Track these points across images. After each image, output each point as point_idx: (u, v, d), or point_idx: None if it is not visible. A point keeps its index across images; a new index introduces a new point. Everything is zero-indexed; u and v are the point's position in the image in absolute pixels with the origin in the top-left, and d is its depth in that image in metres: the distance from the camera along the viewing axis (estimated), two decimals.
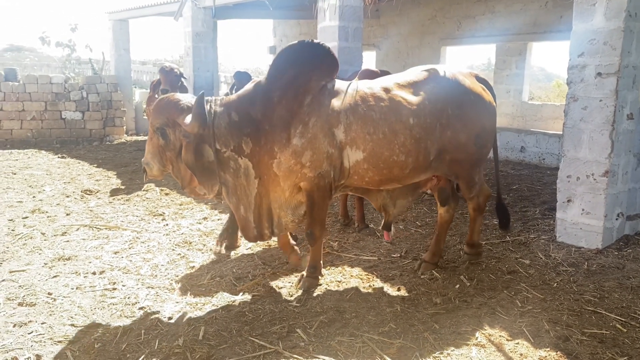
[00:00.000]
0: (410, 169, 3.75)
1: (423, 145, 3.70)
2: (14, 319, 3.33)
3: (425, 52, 11.90)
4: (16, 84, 11.19)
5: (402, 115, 3.65)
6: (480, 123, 3.82)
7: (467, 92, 3.80)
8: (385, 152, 3.63)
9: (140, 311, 3.47)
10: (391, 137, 3.62)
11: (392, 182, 3.86)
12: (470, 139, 3.78)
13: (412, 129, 3.66)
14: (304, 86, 3.62)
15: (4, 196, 6.58)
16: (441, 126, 3.72)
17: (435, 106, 3.70)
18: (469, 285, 3.96)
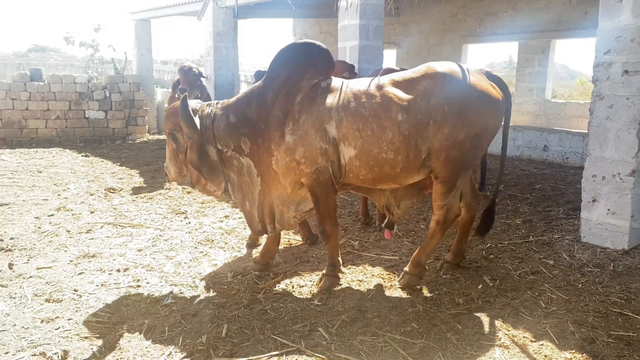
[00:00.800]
0: (401, 168, 3.63)
1: (413, 143, 3.56)
2: (42, 315, 3.40)
3: (447, 50, 11.81)
4: (41, 84, 11.39)
5: (391, 112, 3.56)
6: (482, 122, 3.58)
7: (469, 90, 3.55)
8: (374, 149, 3.60)
9: (164, 308, 3.51)
10: (379, 134, 3.57)
11: (386, 181, 3.76)
12: (468, 138, 3.54)
13: (400, 126, 3.54)
14: (296, 85, 3.74)
15: (30, 194, 6.71)
16: (435, 123, 3.52)
17: (428, 103, 3.53)
18: (492, 285, 3.93)
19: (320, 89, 3.74)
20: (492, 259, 4.49)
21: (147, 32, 13.54)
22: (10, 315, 3.39)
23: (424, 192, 4.11)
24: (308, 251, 4.68)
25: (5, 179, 7.58)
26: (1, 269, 4.16)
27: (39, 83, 11.39)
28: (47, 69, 24.56)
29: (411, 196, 4.10)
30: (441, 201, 3.74)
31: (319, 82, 3.76)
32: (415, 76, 3.67)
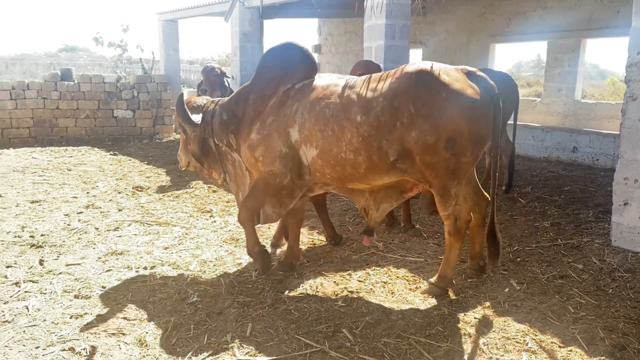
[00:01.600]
0: (365, 169, 3.54)
1: (375, 145, 3.43)
2: (71, 311, 3.46)
3: (473, 49, 11.68)
4: (71, 84, 11.61)
5: (350, 113, 3.49)
6: (453, 125, 3.26)
7: (437, 90, 3.29)
8: (334, 148, 3.58)
9: (189, 307, 3.54)
10: (339, 134, 3.53)
11: (354, 181, 3.73)
12: (439, 142, 3.28)
13: (359, 127, 3.45)
14: (274, 88, 3.89)
15: (60, 191, 6.85)
16: (403, 125, 3.34)
17: (393, 104, 3.36)
18: (519, 289, 3.87)
19: (292, 92, 3.82)
20: (519, 262, 4.42)
21: (174, 32, 13.72)
22: (41, 311, 3.46)
23: (403, 196, 3.98)
24: (332, 251, 4.68)
25: (36, 177, 7.75)
26: (32, 264, 4.26)
27: (69, 83, 11.62)
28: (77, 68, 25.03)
29: (390, 199, 3.96)
30: (443, 211, 3.56)
31: (292, 85, 3.85)
32: (384, 76, 3.55)
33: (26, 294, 3.72)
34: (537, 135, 9.88)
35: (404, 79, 3.40)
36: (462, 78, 3.37)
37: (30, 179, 7.55)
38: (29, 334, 3.17)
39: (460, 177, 3.45)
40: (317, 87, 3.76)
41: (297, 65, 3.89)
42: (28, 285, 3.85)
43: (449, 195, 3.47)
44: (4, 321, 3.32)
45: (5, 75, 19.59)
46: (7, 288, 3.81)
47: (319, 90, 3.72)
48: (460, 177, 3.45)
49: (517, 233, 5.18)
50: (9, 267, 4.21)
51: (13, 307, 3.50)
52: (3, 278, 3.98)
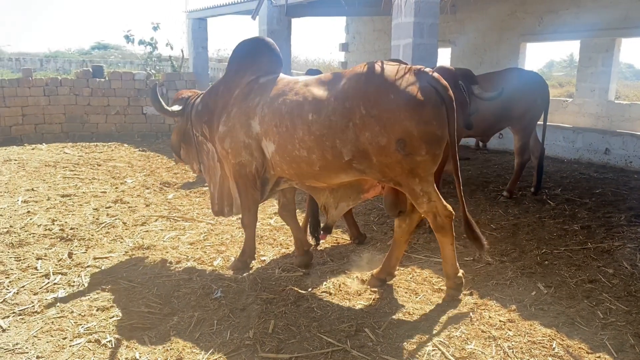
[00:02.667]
0: (319, 167, 3.54)
1: (329, 144, 3.42)
2: (97, 304, 3.53)
3: (504, 48, 11.49)
4: (102, 81, 11.82)
5: (303, 111, 3.51)
6: (402, 126, 3.21)
7: (385, 91, 3.24)
8: (288, 145, 3.61)
9: (213, 302, 3.57)
10: (292, 131, 3.56)
11: (310, 179, 3.74)
12: (390, 144, 3.24)
13: (310, 125, 3.47)
14: (239, 80, 4.02)
15: (89, 186, 6.98)
16: (355, 126, 3.31)
17: (344, 105, 3.34)
18: (546, 292, 3.79)
19: (256, 85, 3.91)
20: (547, 265, 4.33)
21: (203, 30, 13.83)
22: (69, 303, 3.53)
23: (360, 196, 3.97)
24: (355, 250, 4.66)
25: (67, 172, 7.92)
26: (62, 257, 4.35)
27: (100, 80, 11.83)
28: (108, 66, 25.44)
29: (348, 198, 3.96)
30: (419, 209, 3.53)
31: (257, 78, 3.94)
32: (338, 76, 3.54)
33: (55, 285, 3.80)
34: (568, 136, 9.67)
35: (355, 79, 3.38)
36: (411, 79, 3.29)
37: (62, 174, 7.71)
38: (57, 325, 3.24)
39: (422, 175, 3.38)
40: (279, 83, 3.81)
41: (262, 59, 3.98)
42: (57, 278, 3.93)
43: (416, 193, 3.43)
44: (34, 312, 3.39)
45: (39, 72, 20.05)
46: (37, 280, 3.90)
47: (280, 86, 3.77)
48: (421, 175, 3.37)
49: (546, 236, 5.08)
50: (39, 259, 4.30)
51: (42, 299, 3.58)
52: (33, 270, 4.08)
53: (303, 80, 3.75)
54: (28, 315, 3.36)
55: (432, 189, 3.45)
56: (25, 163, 8.49)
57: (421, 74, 3.32)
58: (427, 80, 3.29)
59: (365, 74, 3.36)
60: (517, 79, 6.30)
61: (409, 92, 3.23)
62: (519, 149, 6.50)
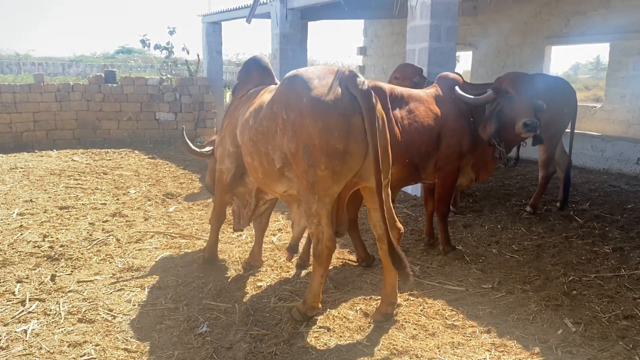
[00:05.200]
0: (262, 174, 3.54)
1: (263, 150, 3.39)
2: (70, 338, 3.19)
3: (527, 51, 10.96)
4: (114, 86, 11.63)
5: (250, 118, 3.57)
6: (306, 133, 3.00)
7: (300, 96, 3.06)
8: (243, 152, 3.72)
9: (197, 338, 3.21)
10: (243, 139, 3.65)
11: (264, 186, 3.76)
12: (299, 150, 3.06)
13: (250, 130, 3.52)
14: (236, 96, 4.17)
15: (90, 197, 6.71)
16: (280, 132, 3.20)
17: (272, 109, 3.28)
18: (575, 331, 3.34)
19: (245, 97, 3.99)
20: (575, 296, 3.87)
21: (217, 34, 13.56)
22: (39, 336, 3.21)
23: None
24: (362, 274, 4.26)
25: (71, 181, 7.67)
26: (44, 280, 4.04)
27: (113, 85, 11.63)
28: (129, 70, 25.49)
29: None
30: (308, 228, 3.27)
31: (247, 90, 4.05)
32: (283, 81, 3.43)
33: (29, 315, 3.48)
34: (596, 145, 9.11)
35: (282, 83, 3.32)
36: (329, 82, 3.04)
37: (65, 183, 7.46)
38: None
39: (319, 192, 3.08)
40: (261, 94, 3.77)
41: (253, 73, 4.14)
42: (33, 305, 3.61)
43: (310, 212, 3.16)
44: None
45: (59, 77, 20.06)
46: (11, 307, 3.59)
47: (258, 96, 3.75)
48: (319, 192, 3.09)
49: (573, 259, 4.61)
50: (20, 281, 4.00)
51: (12, 331, 3.26)
52: (10, 295, 3.77)
53: (271, 88, 3.77)
54: None
55: (325, 213, 3.15)
56: (30, 171, 8.27)
57: (342, 78, 3.07)
58: (344, 85, 3.04)
59: (289, 78, 3.25)
60: (542, 86, 5.81)
61: (317, 97, 3.02)
62: (543, 162, 6.02)
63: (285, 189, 3.48)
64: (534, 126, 4.11)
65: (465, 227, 5.54)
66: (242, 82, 4.20)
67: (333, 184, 3.07)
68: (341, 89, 3.02)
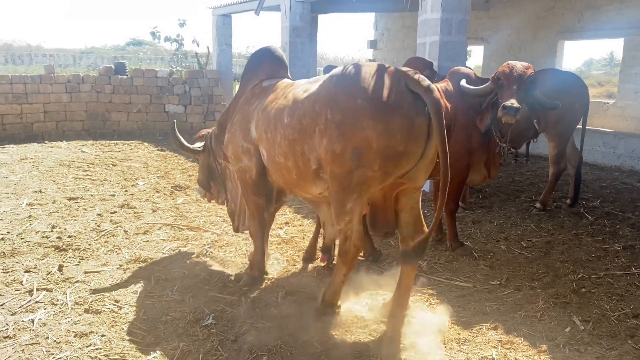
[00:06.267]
0: (296, 175, 3.29)
1: (299, 150, 3.16)
2: (77, 328, 3.20)
3: (540, 46, 10.84)
4: (124, 78, 11.65)
5: (282, 115, 3.29)
6: (361, 135, 2.80)
7: (354, 95, 2.85)
8: (272, 150, 3.42)
9: (202, 330, 3.21)
10: (274, 136, 3.36)
11: (295, 188, 3.50)
12: (345, 152, 2.85)
13: (285, 129, 3.24)
14: (244, 88, 3.93)
15: (99, 188, 6.73)
16: (320, 132, 2.97)
17: (314, 108, 3.03)
18: (583, 329, 3.30)
19: (259, 90, 3.77)
20: (584, 293, 3.83)
21: (227, 27, 13.54)
22: (46, 326, 3.22)
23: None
24: (369, 269, 4.21)
25: (80, 172, 7.70)
26: (52, 270, 4.06)
27: (122, 77, 11.66)
28: (139, 61, 25.54)
29: None
30: (336, 224, 3.10)
31: (260, 82, 3.82)
32: (320, 77, 3.26)
33: (36, 304, 3.49)
34: (608, 141, 9.00)
35: (328, 81, 3.07)
36: (387, 82, 2.82)
37: (74, 174, 7.50)
38: (27, 353, 2.93)
39: (361, 191, 2.94)
40: (277, 87, 3.61)
41: (264, 64, 3.90)
42: (41, 295, 3.63)
43: (343, 209, 3.00)
44: (5, 336, 3.09)
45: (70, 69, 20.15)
46: (19, 297, 3.61)
47: (277, 90, 3.57)
48: (360, 191, 2.94)
49: (582, 257, 4.56)
50: (28, 271, 4.02)
51: (19, 320, 3.28)
52: (18, 285, 3.79)
53: (297, 83, 3.53)
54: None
55: (359, 211, 3.01)
56: (40, 162, 8.32)
57: (400, 75, 2.86)
58: (403, 84, 2.83)
59: (340, 75, 3.01)
60: (554, 82, 5.74)
61: (376, 97, 2.80)
62: (554, 158, 5.95)
63: (320, 191, 3.28)
64: (511, 110, 3.92)
65: (474, 223, 5.49)
66: (252, 72, 3.94)
67: (379, 184, 2.93)
68: (401, 87, 2.81)
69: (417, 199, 3.15)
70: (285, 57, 4.05)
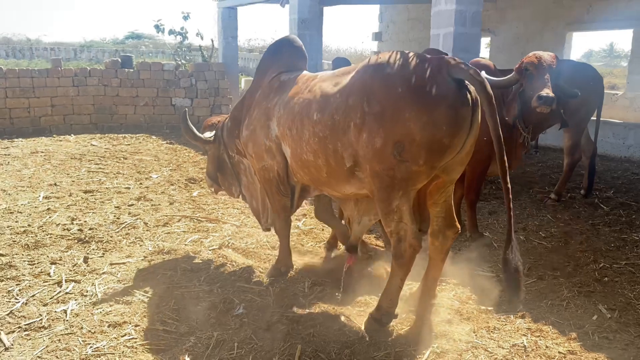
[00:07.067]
0: (326, 173, 3.14)
1: (331, 147, 3.00)
2: (110, 318, 3.23)
3: (548, 38, 10.84)
4: (131, 71, 11.63)
5: (310, 110, 3.13)
6: (404, 128, 2.66)
7: (394, 85, 2.71)
8: (298, 148, 3.28)
9: (234, 319, 3.24)
10: (301, 133, 3.20)
11: (324, 186, 3.36)
12: (387, 146, 2.72)
13: (315, 126, 3.08)
14: (260, 81, 3.80)
15: (114, 181, 6.75)
16: (356, 127, 2.83)
17: (347, 102, 2.88)
18: (610, 317, 3.34)
19: (277, 83, 3.63)
20: (607, 282, 3.87)
21: (233, 20, 13.49)
22: (79, 316, 3.25)
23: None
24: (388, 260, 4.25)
25: (92, 165, 7.72)
26: (77, 262, 4.09)
27: (129, 70, 11.64)
28: (140, 55, 25.46)
29: (369, 212, 3.43)
30: (386, 227, 2.95)
31: (278, 75, 3.67)
32: (351, 69, 3.09)
33: (66, 295, 3.53)
34: (618, 132, 9.02)
35: (363, 71, 2.91)
36: (431, 71, 2.69)
37: (87, 167, 7.52)
38: (64, 343, 2.96)
39: (407, 187, 2.81)
40: (299, 81, 3.47)
41: (283, 55, 3.75)
42: (70, 286, 3.66)
43: (390, 208, 2.85)
44: (41, 327, 3.12)
45: (72, 62, 20.12)
46: (48, 288, 3.64)
47: (299, 84, 3.42)
48: (405, 187, 2.80)
49: (602, 246, 4.59)
50: (54, 263, 4.05)
51: (52, 311, 3.31)
52: (46, 276, 3.82)
53: (321, 76, 3.37)
54: (34, 330, 3.08)
55: (407, 208, 2.86)
56: (51, 155, 8.33)
57: (442, 64, 2.72)
58: (446, 72, 2.69)
59: (377, 64, 2.85)
60: (570, 73, 5.75)
61: (419, 86, 2.67)
62: (569, 148, 5.97)
63: (354, 190, 3.15)
64: (547, 99, 3.91)
65: (491, 214, 5.53)
66: (270, 64, 3.78)
67: (425, 180, 2.82)
68: (444, 75, 2.68)
69: (450, 193, 3.13)
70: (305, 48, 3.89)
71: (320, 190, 3.58)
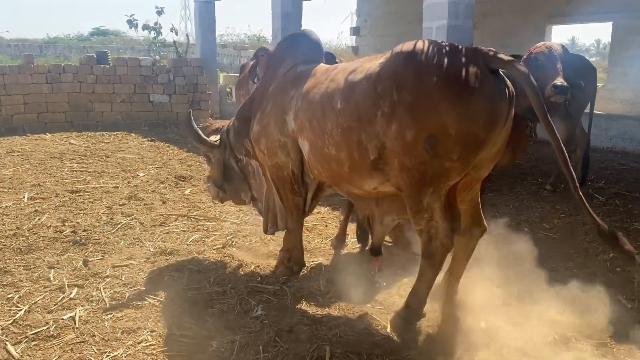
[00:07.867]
0: (348, 167, 2.98)
1: (355, 139, 2.84)
2: (122, 324, 3.07)
3: (527, 31, 10.92)
4: (107, 67, 11.27)
5: (333, 99, 2.97)
6: (437, 120, 2.54)
7: (427, 74, 2.58)
8: (319, 141, 3.10)
9: (254, 321, 3.11)
10: (323, 125, 3.04)
11: (344, 183, 3.18)
12: (419, 140, 2.59)
13: (338, 116, 2.91)
14: (273, 74, 3.64)
15: (100, 180, 6.50)
16: (384, 116, 2.69)
17: (375, 89, 2.73)
18: (630, 307, 3.33)
19: (293, 75, 3.46)
20: (620, 272, 3.88)
21: (210, 14, 13.22)
22: (89, 323, 3.08)
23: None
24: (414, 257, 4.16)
25: (74, 164, 7.43)
26: (76, 265, 3.89)
27: (105, 66, 11.28)
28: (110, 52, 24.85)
29: (393, 212, 3.27)
30: (416, 225, 2.84)
31: (294, 67, 3.51)
32: (378, 56, 2.94)
33: (71, 301, 3.34)
34: (599, 123, 9.12)
35: (394, 58, 2.75)
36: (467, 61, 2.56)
37: (69, 167, 7.22)
38: (77, 353, 2.79)
39: (438, 184, 2.69)
40: (316, 72, 3.31)
41: (298, 48, 3.61)
42: (73, 291, 3.47)
43: (420, 206, 2.74)
44: (50, 335, 2.94)
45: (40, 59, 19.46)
46: (50, 294, 3.44)
47: (317, 75, 3.28)
48: (437, 184, 2.69)
49: None
50: (52, 267, 3.84)
51: (58, 318, 3.12)
52: (46, 281, 3.62)
53: (342, 65, 3.23)
54: (43, 340, 2.90)
55: (439, 205, 2.74)
56: (29, 155, 8.00)
57: (478, 54, 2.59)
58: (481, 62, 2.55)
59: (408, 51, 2.69)
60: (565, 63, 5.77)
61: (454, 76, 2.53)
62: (564, 140, 5.98)
63: (376, 185, 2.98)
64: (563, 88, 3.91)
65: (491, 206, 5.50)
66: (283, 57, 3.62)
67: (458, 176, 2.68)
68: (481, 66, 2.54)
69: (477, 191, 3.04)
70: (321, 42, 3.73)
71: (338, 188, 3.43)
